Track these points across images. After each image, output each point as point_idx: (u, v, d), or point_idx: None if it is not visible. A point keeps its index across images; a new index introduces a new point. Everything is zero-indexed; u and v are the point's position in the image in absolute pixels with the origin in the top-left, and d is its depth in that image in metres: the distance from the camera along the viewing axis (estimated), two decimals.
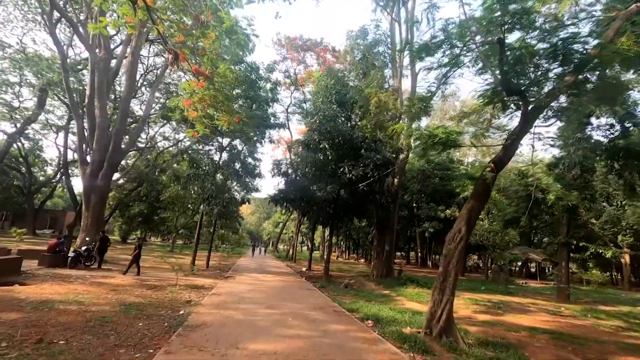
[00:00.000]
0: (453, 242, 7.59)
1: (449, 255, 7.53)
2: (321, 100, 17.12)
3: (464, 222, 7.77)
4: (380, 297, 13.25)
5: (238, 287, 12.76)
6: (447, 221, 30.96)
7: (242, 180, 17.93)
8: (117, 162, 19.65)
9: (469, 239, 23.37)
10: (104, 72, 18.10)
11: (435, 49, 7.19)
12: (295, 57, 33.06)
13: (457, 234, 7.65)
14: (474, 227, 8.78)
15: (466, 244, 7.77)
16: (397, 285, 16.32)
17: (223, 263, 25.16)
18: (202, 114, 11.21)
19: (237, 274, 17.78)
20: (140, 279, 13.41)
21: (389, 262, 21.32)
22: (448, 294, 7.25)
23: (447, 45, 7.20)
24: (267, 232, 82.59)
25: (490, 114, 10.02)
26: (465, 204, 8.21)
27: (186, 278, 14.30)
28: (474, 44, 7.48)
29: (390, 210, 21.41)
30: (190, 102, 11.15)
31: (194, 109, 11.13)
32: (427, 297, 13.57)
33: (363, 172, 15.78)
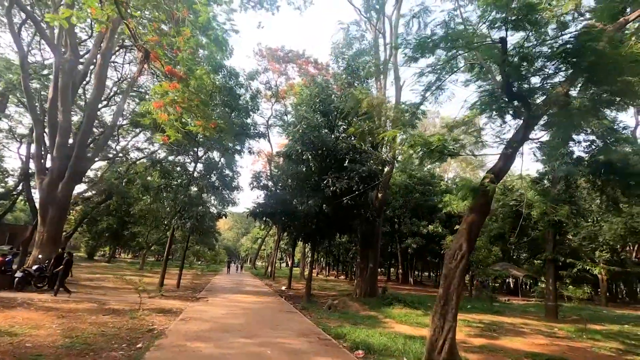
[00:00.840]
0: (454, 260, 6.79)
1: (450, 276, 6.71)
2: (304, 109, 16.37)
3: (465, 238, 7.00)
4: (367, 319, 12.24)
5: (210, 311, 11.45)
6: (429, 237, 30.57)
7: (218, 193, 16.73)
8: (81, 171, 18.03)
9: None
10: (69, 73, 16.69)
11: (433, 47, 6.54)
12: (277, 69, 32.45)
13: (458, 252, 6.86)
14: (475, 243, 8.03)
15: (468, 262, 6.98)
16: (383, 306, 15.37)
17: (196, 282, 23.49)
18: (174, 117, 10.16)
19: (210, 295, 16.34)
20: (98, 302, 11.86)
21: (373, 280, 20.39)
22: (450, 321, 6.39)
23: (446, 44, 6.57)
24: (245, 248, 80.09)
25: (484, 123, 9.43)
26: (465, 218, 7.47)
27: (153, 300, 12.83)
28: (474, 43, 6.89)
29: (375, 225, 20.66)
30: (161, 104, 10.09)
31: (165, 111, 10.07)
32: (417, 318, 12.70)
33: (347, 185, 14.97)
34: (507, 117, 8.64)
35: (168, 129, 10.24)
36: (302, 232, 18.66)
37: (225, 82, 16.01)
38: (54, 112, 17.08)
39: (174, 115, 10.05)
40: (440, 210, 32.52)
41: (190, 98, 10.22)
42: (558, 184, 17.43)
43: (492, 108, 8.39)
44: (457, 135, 8.90)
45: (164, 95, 9.78)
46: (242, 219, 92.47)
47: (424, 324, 11.78)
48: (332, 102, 16.95)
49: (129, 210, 33.47)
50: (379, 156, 15.68)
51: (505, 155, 7.63)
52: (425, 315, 13.84)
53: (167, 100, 9.73)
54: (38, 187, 16.77)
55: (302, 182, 17.36)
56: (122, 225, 41.14)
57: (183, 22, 9.22)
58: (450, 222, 32.12)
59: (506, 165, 7.76)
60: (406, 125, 9.25)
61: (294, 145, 16.17)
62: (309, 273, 17.43)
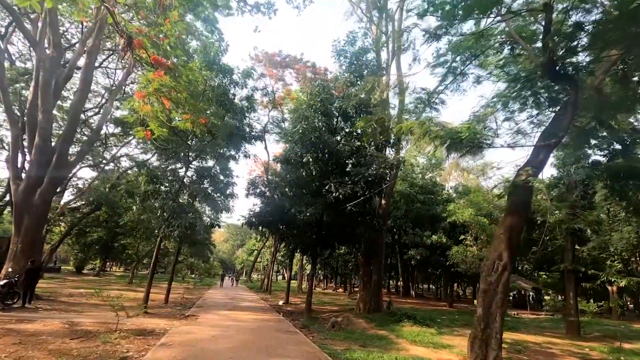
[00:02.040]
0: (494, 273, 5.55)
1: (490, 292, 5.46)
2: (305, 107, 15.23)
3: (505, 245, 5.77)
4: (376, 339, 10.85)
5: (199, 332, 10.01)
6: (433, 248, 29.21)
7: (211, 200, 15.39)
8: (62, 178, 16.68)
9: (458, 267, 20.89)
10: (50, 70, 15.50)
11: (467, 11, 5.42)
12: (274, 74, 31.53)
13: (498, 262, 5.63)
14: (516, 250, 6.78)
15: (510, 274, 5.72)
16: (392, 323, 13.96)
17: (188, 297, 21.88)
18: (158, 109, 8.93)
19: (201, 312, 14.84)
20: (70, 322, 10.39)
21: (377, 294, 18.98)
22: (495, 349, 5.11)
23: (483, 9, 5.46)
24: (240, 261, 78.00)
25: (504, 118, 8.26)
26: (502, 223, 6.25)
27: (134, 320, 11.36)
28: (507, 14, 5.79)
29: (380, 235, 19.36)
30: (144, 94, 8.88)
31: (148, 102, 8.85)
32: (431, 338, 11.34)
33: (352, 191, 13.72)
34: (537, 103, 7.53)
35: (151, 122, 9.02)
36: (302, 243, 17.32)
37: (220, 81, 14.87)
38: (34, 113, 15.83)
39: (158, 108, 8.83)
40: (444, 219, 31.26)
41: (178, 89, 9.03)
42: (575, 190, 16.31)
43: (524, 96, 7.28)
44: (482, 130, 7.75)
45: (148, 84, 8.56)
46: (238, 231, 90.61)
47: (440, 345, 10.42)
48: (333, 103, 15.87)
49: (119, 221, 31.84)
50: (385, 158, 14.50)
51: (547, 147, 6.46)
52: (439, 334, 12.47)
53: (150, 89, 8.51)
54: (13, 193, 15.40)
55: (301, 188, 16.10)
56: (113, 237, 39.39)
57: (170, 7, 8.16)
58: (454, 232, 30.86)
59: (547, 157, 6.59)
60: (420, 113, 8.09)
61: (293, 148, 14.98)
62: (309, 287, 16.01)
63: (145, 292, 13.80)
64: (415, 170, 35.40)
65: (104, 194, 29.92)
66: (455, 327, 15.01)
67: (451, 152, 6.78)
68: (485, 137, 6.45)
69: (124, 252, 40.10)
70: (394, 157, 15.11)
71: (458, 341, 11.44)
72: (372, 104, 15.28)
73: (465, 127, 6.30)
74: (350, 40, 15.73)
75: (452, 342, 11.17)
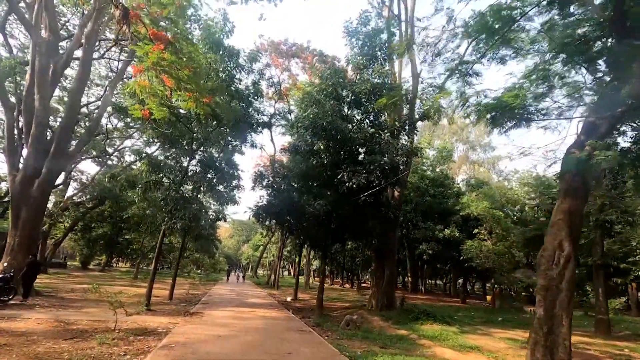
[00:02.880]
0: (555, 266, 4.64)
1: (553, 289, 4.56)
2: (316, 90, 14.29)
3: (565, 232, 4.84)
4: (396, 339, 9.98)
5: (204, 332, 9.20)
6: (446, 242, 28.22)
7: (216, 190, 14.56)
8: (61, 169, 15.95)
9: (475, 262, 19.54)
10: (46, 55, 14.71)
11: None
12: (280, 64, 30.57)
13: (559, 253, 4.71)
14: (578, 239, 5.82)
15: (576, 268, 4.79)
16: (409, 321, 13.09)
17: (193, 292, 21.19)
18: (157, 86, 8.06)
19: (207, 308, 14.08)
20: (66, 320, 9.65)
21: (390, 290, 18.10)
22: (564, 357, 4.17)
23: None
24: (246, 256, 77.59)
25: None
26: (557, 207, 5.31)
27: (136, 317, 10.61)
28: None
29: (394, 228, 18.48)
30: (141, 68, 8.01)
31: (146, 77, 7.97)
32: (455, 338, 10.44)
33: (366, 180, 12.79)
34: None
35: (150, 100, 8.16)
36: (311, 237, 16.45)
37: (225, 65, 13.97)
38: (30, 100, 15.08)
39: (156, 84, 7.95)
40: (456, 213, 30.27)
41: (179, 65, 8.15)
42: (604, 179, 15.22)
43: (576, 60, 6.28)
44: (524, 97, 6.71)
45: (145, 56, 7.68)
46: (243, 227, 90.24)
47: (467, 346, 9.52)
48: (345, 87, 14.92)
49: (123, 216, 31.28)
50: (402, 145, 13.54)
51: (612, 118, 5.49)
52: (462, 333, 11.56)
53: (148, 62, 7.63)
54: (9, 185, 14.70)
55: (311, 179, 15.20)
56: (117, 232, 38.94)
57: None
58: (467, 226, 29.85)
59: (610, 131, 5.63)
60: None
61: (303, 135, 14.07)
62: (320, 283, 15.17)
63: (147, 288, 13.04)
64: (426, 162, 34.30)
65: (107, 187, 29.30)
66: (476, 325, 14.11)
67: (496, 125, 5.84)
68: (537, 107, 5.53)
69: (129, 247, 39.70)
70: (409, 144, 14.14)
71: (484, 341, 10.55)
72: (387, 87, 14.36)
73: (511, 95, 5.36)
74: (363, 20, 14.72)
75: (478, 342, 10.28)
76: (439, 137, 47.48)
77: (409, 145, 13.95)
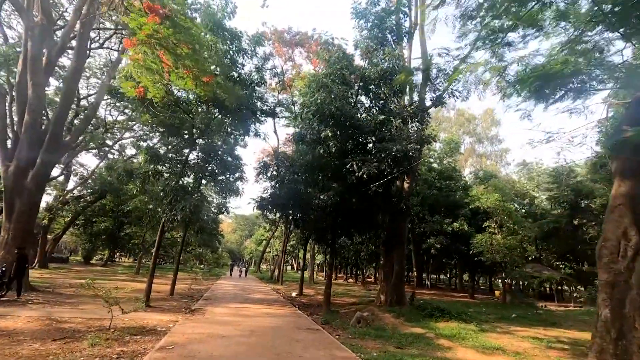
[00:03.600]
0: (622, 258, 3.90)
1: (621, 285, 3.82)
2: (323, 75, 13.49)
3: (630, 219, 4.13)
4: (412, 338, 9.29)
5: (205, 331, 8.54)
6: (454, 236, 27.46)
7: (217, 180, 13.85)
8: (56, 160, 15.28)
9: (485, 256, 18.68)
10: (39, 40, 13.98)
11: None
12: (283, 52, 29.67)
13: (625, 243, 3.99)
14: None
15: None
16: (423, 318, 12.41)
17: (195, 287, 20.60)
18: (150, 60, 7.31)
19: (209, 305, 13.45)
20: (59, 318, 9.02)
21: (399, 285, 17.41)
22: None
23: None
24: (249, 251, 77.20)
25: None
26: (615, 191, 4.56)
27: (134, 315, 9.97)
28: None
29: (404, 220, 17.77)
30: (134, 42, 7.24)
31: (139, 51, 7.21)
32: (475, 337, 9.75)
33: (377, 169, 12.03)
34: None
35: (144, 77, 7.42)
36: (317, 230, 15.76)
37: (227, 48, 13.19)
38: (23, 88, 14.38)
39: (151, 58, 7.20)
40: (465, 206, 29.49)
41: (175, 40, 7.38)
42: None
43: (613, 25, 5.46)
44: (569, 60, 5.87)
45: (139, 27, 6.92)
46: (246, 222, 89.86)
47: (490, 347, 8.82)
48: (353, 72, 14.12)
49: (123, 209, 30.71)
50: (416, 132, 12.75)
51: None
52: (481, 331, 10.86)
53: (142, 35, 6.87)
54: (2, 176, 14.06)
55: (318, 169, 14.45)
56: (119, 227, 38.45)
57: None
58: (475, 220, 29.07)
59: None
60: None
61: (309, 122, 13.30)
62: (327, 278, 14.46)
63: (147, 284, 12.40)
64: (433, 154, 33.46)
65: (107, 181, 28.67)
66: (493, 322, 13.40)
67: (540, 98, 5.07)
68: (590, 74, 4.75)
69: (130, 241, 39.26)
70: (421, 131, 13.34)
71: (506, 340, 9.85)
72: (398, 72, 13.56)
73: (560, 61, 4.60)
74: (372, 0, 13.87)
75: (500, 341, 9.58)
76: (445, 130, 46.57)
77: (421, 132, 13.14)
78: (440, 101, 13.64)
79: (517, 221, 24.57)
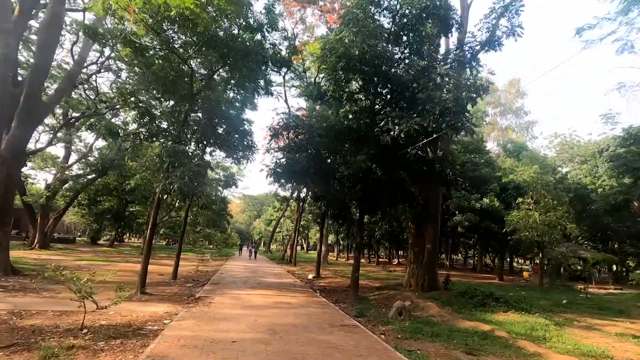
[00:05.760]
0: None
1: None
2: (354, 3, 10.85)
3: None
4: (478, 338, 7.07)
5: (209, 331, 6.44)
6: (483, 213, 25.00)
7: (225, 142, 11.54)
8: (35, 121, 13.08)
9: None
10: None
11: None
12: (294, 13, 26.79)
13: None
14: None
15: None
16: (474, 307, 10.24)
17: (203, 269, 18.75)
18: None
19: (216, 291, 11.43)
20: (24, 312, 7.02)
21: (431, 267, 15.31)
22: None
23: None
24: (258, 231, 76.04)
25: None
26: None
27: (123, 305, 7.92)
28: None
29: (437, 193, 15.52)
30: None
31: None
32: (561, 335, 7.52)
33: (419, 126, 9.55)
34: None
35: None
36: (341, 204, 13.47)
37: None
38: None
39: None
40: (492, 181, 26.96)
41: None
42: None
43: None
44: None
45: None
46: (255, 202, 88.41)
47: (592, 353, 6.55)
48: (386, 9, 11.45)
49: (125, 187, 28.92)
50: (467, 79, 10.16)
51: None
52: (557, 326, 8.62)
53: None
54: None
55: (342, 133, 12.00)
56: (125, 206, 36.96)
57: None
58: (506, 195, 26.59)
59: None
60: None
61: (332, 72, 10.77)
62: (355, 260, 12.27)
63: (141, 267, 10.37)
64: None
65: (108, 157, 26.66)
66: (556, 312, 11.16)
67: None
68: None
69: (135, 221, 37.84)
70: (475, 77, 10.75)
71: (600, 340, 7.59)
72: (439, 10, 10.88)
73: None
74: None
75: (593, 341, 7.34)
76: None
77: (475, 79, 10.55)
78: (497, 41, 10.97)
79: (557, 196, 22.02)
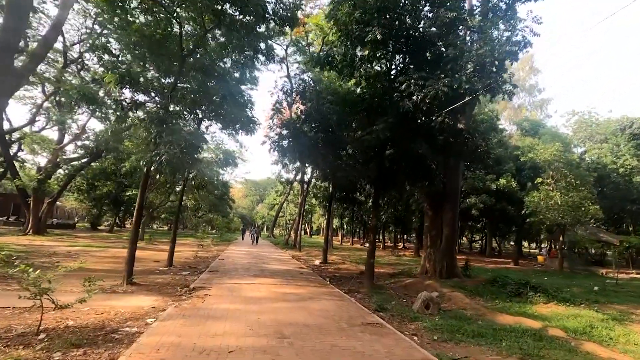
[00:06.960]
0: None
1: None
2: None
3: None
4: (530, 339, 5.76)
5: (200, 335, 5.15)
6: (499, 194, 23.57)
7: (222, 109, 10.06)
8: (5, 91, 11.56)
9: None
10: None
11: None
12: None
13: None
14: None
15: None
16: (509, 298, 8.96)
17: (202, 255, 17.55)
18: None
19: (214, 280, 10.16)
20: None
21: (449, 253, 13.99)
22: None
23: None
24: (260, 216, 75.17)
25: None
26: None
27: (104, 297, 6.66)
28: None
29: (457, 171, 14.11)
30: None
31: None
32: (629, 335, 6.22)
33: (448, 88, 8.03)
34: None
35: None
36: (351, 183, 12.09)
37: None
38: None
39: None
40: (508, 161, 25.47)
41: None
42: None
43: None
44: None
45: None
46: (257, 187, 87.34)
47: None
48: None
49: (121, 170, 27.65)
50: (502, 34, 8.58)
51: None
52: (613, 320, 7.32)
53: None
54: None
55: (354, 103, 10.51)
56: (122, 190, 35.83)
57: None
58: (521, 176, 25.13)
59: None
60: None
61: (345, 24, 9.19)
62: (370, 245, 10.98)
63: (128, 253, 9.08)
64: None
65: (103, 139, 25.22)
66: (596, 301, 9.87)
67: None
68: None
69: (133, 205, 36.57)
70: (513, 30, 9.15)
71: None
72: None
73: None
74: None
75: None
76: None
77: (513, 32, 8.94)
78: None
79: (580, 175, 20.54)
